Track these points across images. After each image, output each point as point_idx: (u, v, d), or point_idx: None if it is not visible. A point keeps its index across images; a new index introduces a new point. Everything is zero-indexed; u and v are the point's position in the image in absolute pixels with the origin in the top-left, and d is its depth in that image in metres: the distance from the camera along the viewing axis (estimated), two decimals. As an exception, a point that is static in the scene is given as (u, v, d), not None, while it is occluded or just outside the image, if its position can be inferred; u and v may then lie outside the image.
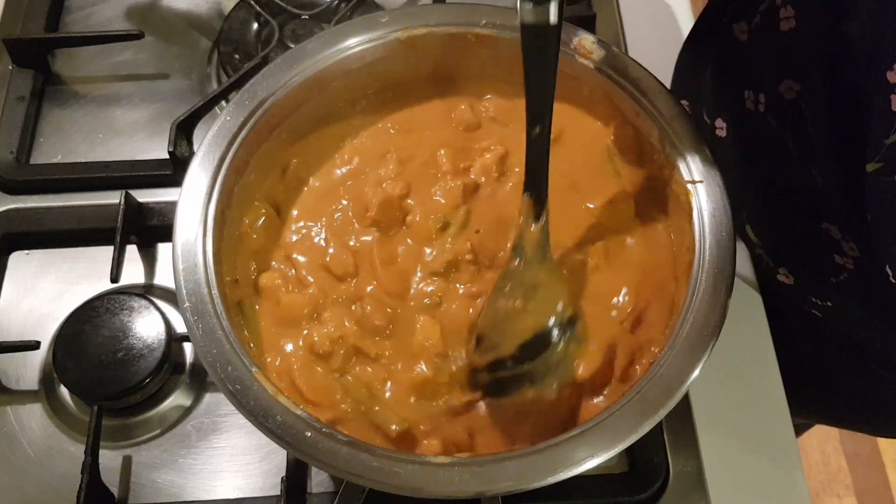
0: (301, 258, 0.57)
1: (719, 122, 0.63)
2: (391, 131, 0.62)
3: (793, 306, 0.63)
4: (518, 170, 0.60)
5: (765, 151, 0.57)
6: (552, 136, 0.60)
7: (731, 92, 0.59)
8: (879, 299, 0.54)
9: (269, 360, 0.53)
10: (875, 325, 0.57)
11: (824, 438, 1.55)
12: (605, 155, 0.60)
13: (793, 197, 0.56)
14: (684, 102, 0.68)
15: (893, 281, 0.48)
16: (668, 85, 0.57)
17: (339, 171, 0.60)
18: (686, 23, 0.79)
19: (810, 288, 0.60)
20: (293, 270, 0.56)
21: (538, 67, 0.50)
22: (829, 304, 0.59)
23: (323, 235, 0.58)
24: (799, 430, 0.61)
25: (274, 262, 0.57)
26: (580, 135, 0.61)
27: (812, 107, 0.49)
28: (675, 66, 0.71)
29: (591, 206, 0.59)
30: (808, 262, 0.58)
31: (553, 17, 0.47)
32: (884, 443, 1.54)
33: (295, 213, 0.59)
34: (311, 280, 0.55)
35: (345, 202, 0.59)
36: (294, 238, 0.58)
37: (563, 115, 0.61)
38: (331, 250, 0.57)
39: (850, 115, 0.46)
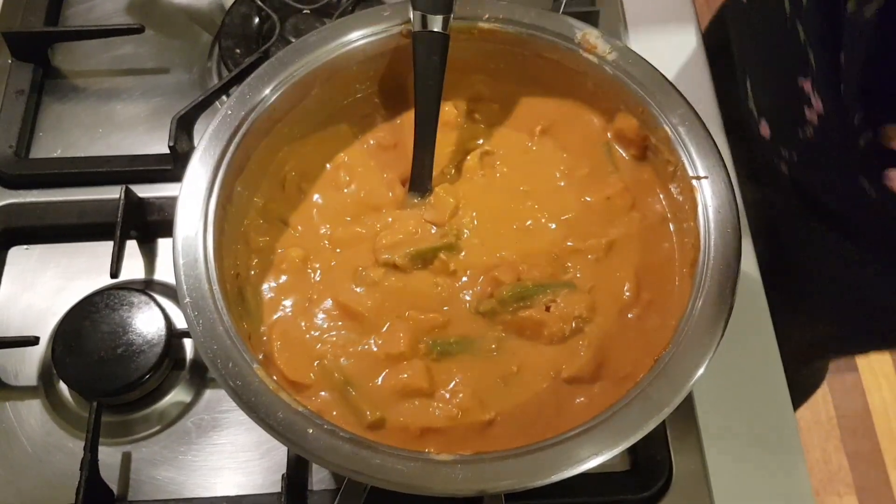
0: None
1: None
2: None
3: (768, 163, 0.67)
4: (499, 163, 0.61)
5: (763, 9, 0.64)
6: (543, 128, 0.61)
7: None
8: (838, 154, 0.57)
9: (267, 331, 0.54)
10: (832, 180, 0.60)
11: (825, 437, 1.55)
12: (603, 149, 0.60)
13: (781, 53, 0.60)
14: None
15: (856, 123, 0.51)
16: (671, 77, 0.57)
17: (328, 166, 0.61)
18: (688, 17, 0.79)
19: (781, 137, 0.64)
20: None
21: (426, 73, 0.56)
22: (796, 158, 0.63)
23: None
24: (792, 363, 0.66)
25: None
26: (579, 128, 0.61)
27: None
28: None
29: (589, 199, 0.59)
30: (784, 113, 0.62)
31: (440, 26, 0.55)
32: (885, 441, 1.54)
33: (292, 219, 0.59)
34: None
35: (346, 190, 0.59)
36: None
37: (563, 109, 0.61)
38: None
39: None
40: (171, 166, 0.69)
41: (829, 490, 1.50)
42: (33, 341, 0.62)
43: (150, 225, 0.68)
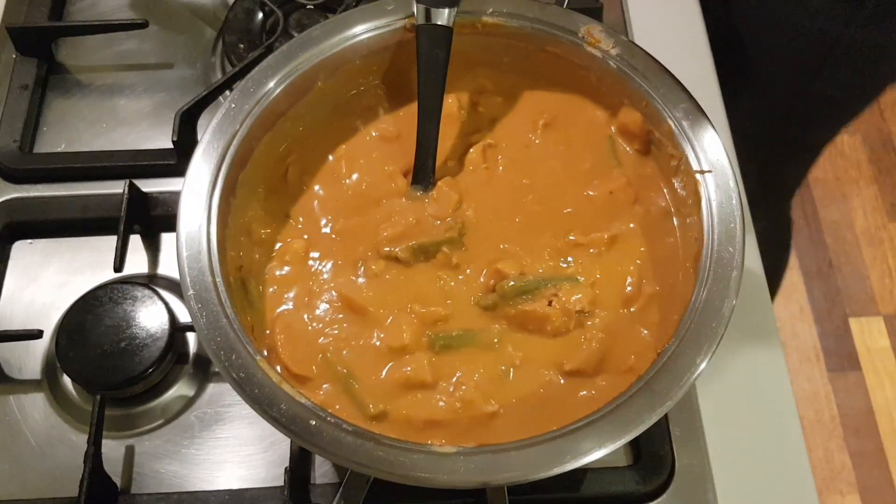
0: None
1: None
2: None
3: None
4: (502, 156, 0.61)
5: None
6: (546, 122, 0.61)
7: None
8: None
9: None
10: None
11: (828, 436, 1.54)
12: (606, 143, 0.60)
13: None
14: None
15: None
16: (675, 71, 0.56)
17: (330, 157, 0.61)
18: (692, 10, 0.79)
19: None
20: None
21: (430, 67, 0.56)
22: None
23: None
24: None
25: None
26: (582, 122, 0.61)
27: None
28: None
29: (592, 193, 0.59)
30: None
31: (446, 19, 0.55)
32: (888, 440, 1.54)
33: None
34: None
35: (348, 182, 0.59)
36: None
37: (566, 104, 0.61)
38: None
39: None
40: (175, 161, 0.69)
41: (831, 489, 1.50)
42: (37, 335, 0.62)
43: (153, 219, 0.68)
